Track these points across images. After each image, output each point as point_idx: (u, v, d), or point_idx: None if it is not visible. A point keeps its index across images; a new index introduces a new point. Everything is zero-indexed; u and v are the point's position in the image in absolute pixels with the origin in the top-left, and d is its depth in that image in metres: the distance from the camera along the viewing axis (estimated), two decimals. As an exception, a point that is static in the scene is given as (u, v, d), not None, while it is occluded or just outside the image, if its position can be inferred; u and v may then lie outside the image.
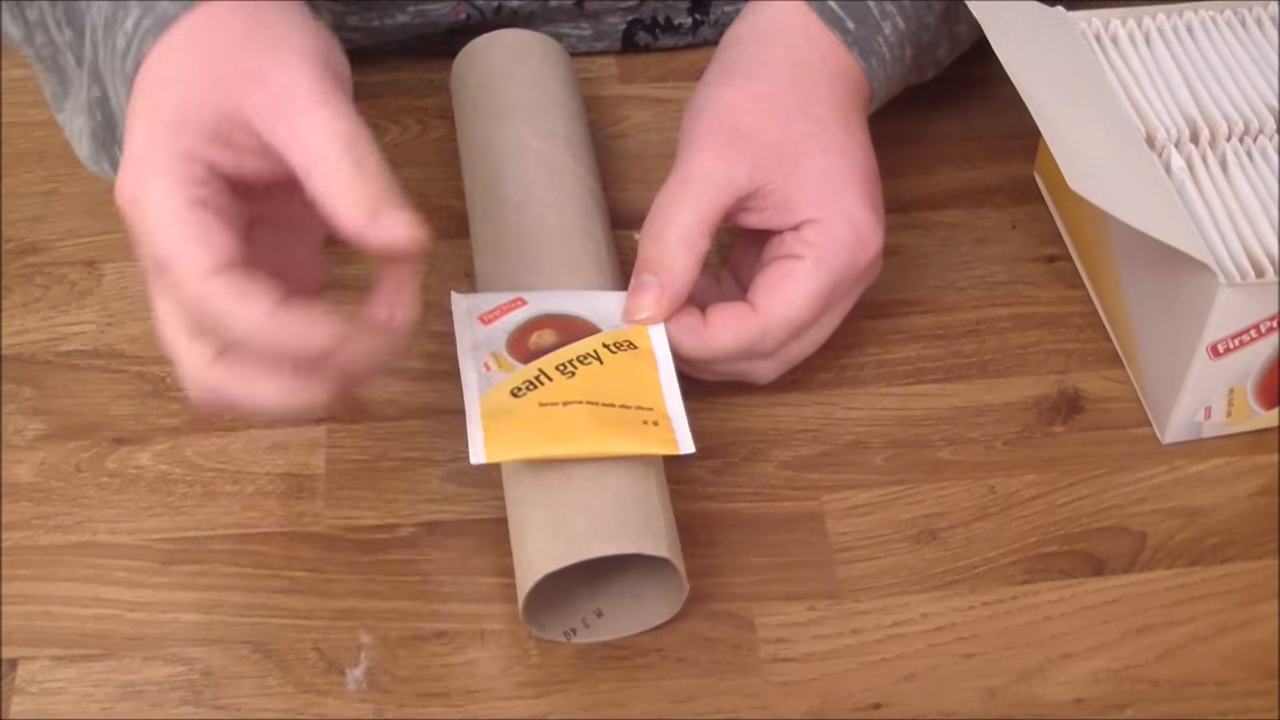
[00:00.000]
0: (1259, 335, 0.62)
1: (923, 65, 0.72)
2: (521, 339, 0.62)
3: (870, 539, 0.63)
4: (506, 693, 0.59)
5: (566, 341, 0.61)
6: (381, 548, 0.63)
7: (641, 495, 0.58)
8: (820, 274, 0.62)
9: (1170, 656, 0.60)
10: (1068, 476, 0.65)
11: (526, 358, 0.61)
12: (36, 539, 0.63)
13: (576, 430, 0.58)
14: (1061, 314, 0.71)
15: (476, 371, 0.61)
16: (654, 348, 0.62)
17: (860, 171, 0.64)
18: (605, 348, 0.61)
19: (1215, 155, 0.65)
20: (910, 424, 0.67)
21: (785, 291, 0.62)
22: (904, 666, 0.59)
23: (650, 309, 0.62)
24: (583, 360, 0.60)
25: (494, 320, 0.63)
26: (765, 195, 0.63)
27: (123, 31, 0.56)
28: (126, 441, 0.66)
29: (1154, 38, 0.70)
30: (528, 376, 0.60)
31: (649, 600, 0.60)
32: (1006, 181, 0.76)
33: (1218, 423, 0.65)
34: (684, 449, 0.59)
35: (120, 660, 0.59)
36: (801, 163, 0.63)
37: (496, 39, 0.73)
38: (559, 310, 0.63)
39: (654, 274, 0.62)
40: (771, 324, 0.63)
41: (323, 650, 0.60)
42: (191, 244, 0.51)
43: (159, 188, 0.52)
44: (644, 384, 0.61)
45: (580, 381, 0.60)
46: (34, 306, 0.70)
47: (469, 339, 0.62)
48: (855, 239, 0.63)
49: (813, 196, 0.63)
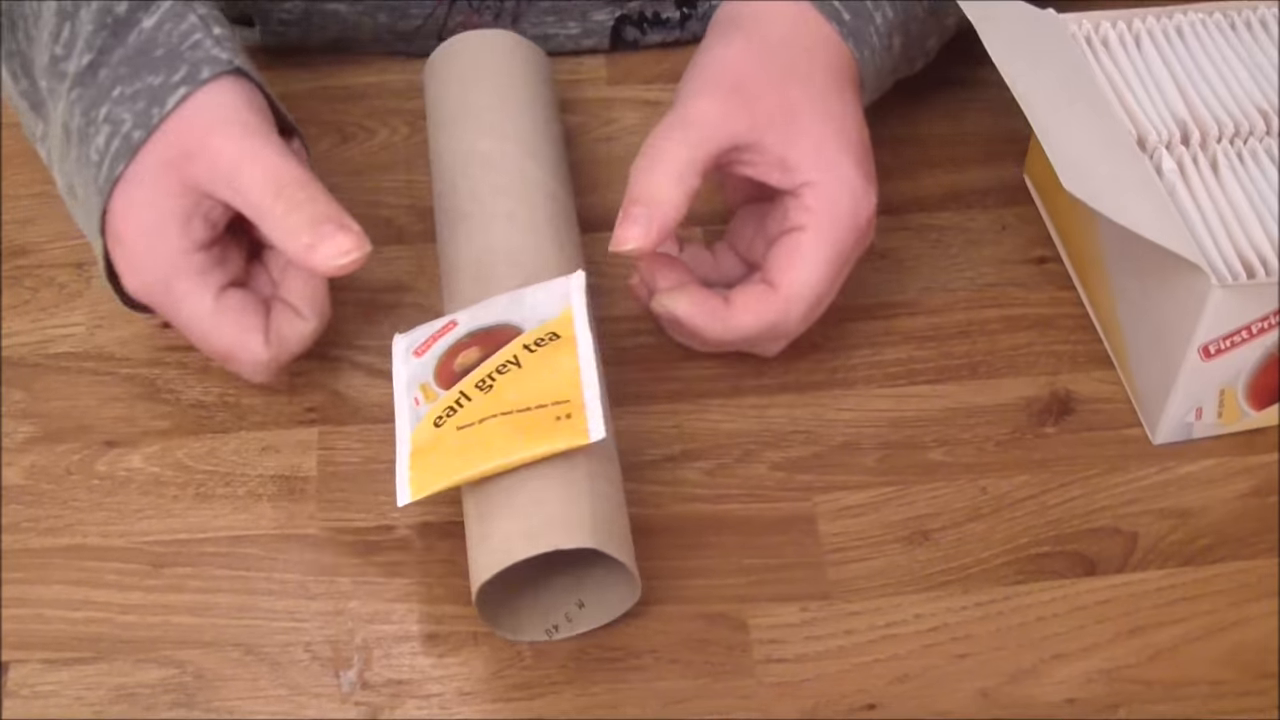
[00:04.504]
0: (1250, 336, 0.62)
1: (912, 57, 0.72)
2: (447, 363, 0.62)
3: (862, 540, 0.63)
4: (500, 695, 0.59)
5: (490, 354, 0.61)
6: (374, 550, 0.63)
7: (569, 491, 0.58)
8: (826, 241, 0.63)
9: (1163, 657, 0.60)
10: (1059, 477, 0.65)
11: (450, 382, 0.61)
12: (27, 542, 0.63)
13: (490, 446, 0.58)
14: (1052, 315, 0.71)
15: (409, 408, 0.61)
16: (575, 332, 0.61)
17: (855, 139, 0.65)
18: (525, 349, 0.61)
19: (1206, 157, 0.65)
20: (902, 425, 0.67)
21: (798, 266, 0.63)
22: (897, 667, 0.60)
23: (638, 239, 0.62)
24: (502, 370, 0.60)
25: (425, 350, 0.63)
26: (762, 151, 0.64)
27: (94, 147, 0.62)
28: (117, 444, 0.66)
29: (1144, 40, 0.70)
30: (449, 403, 0.60)
31: (615, 588, 0.60)
32: (996, 184, 0.76)
33: (1209, 424, 0.66)
34: (594, 437, 0.58)
35: (112, 663, 0.59)
36: (800, 125, 0.64)
37: (457, 43, 0.72)
38: (486, 323, 0.62)
39: (644, 206, 0.63)
40: (793, 300, 0.63)
41: (315, 652, 0.60)
42: (239, 338, 0.62)
43: (183, 292, 0.62)
44: (563, 375, 0.60)
45: (497, 394, 0.60)
46: (23, 309, 0.70)
47: (404, 376, 0.62)
48: (853, 202, 0.64)
49: (810, 160, 0.64)
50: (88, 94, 0.62)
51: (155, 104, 0.61)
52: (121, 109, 0.62)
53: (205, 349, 0.64)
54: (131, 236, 0.62)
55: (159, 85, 0.61)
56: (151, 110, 0.61)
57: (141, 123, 0.61)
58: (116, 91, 0.62)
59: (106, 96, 0.62)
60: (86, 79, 0.62)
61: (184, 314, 0.63)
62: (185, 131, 0.61)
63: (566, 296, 0.62)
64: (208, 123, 0.61)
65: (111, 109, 0.62)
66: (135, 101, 0.62)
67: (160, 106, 0.61)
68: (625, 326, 0.70)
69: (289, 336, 0.63)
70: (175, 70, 0.62)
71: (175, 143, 0.61)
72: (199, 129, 0.61)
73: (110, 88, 0.62)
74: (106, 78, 0.62)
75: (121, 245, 0.62)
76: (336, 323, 0.69)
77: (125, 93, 0.62)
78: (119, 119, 0.62)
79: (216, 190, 0.61)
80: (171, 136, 0.61)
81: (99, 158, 0.62)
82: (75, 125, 0.62)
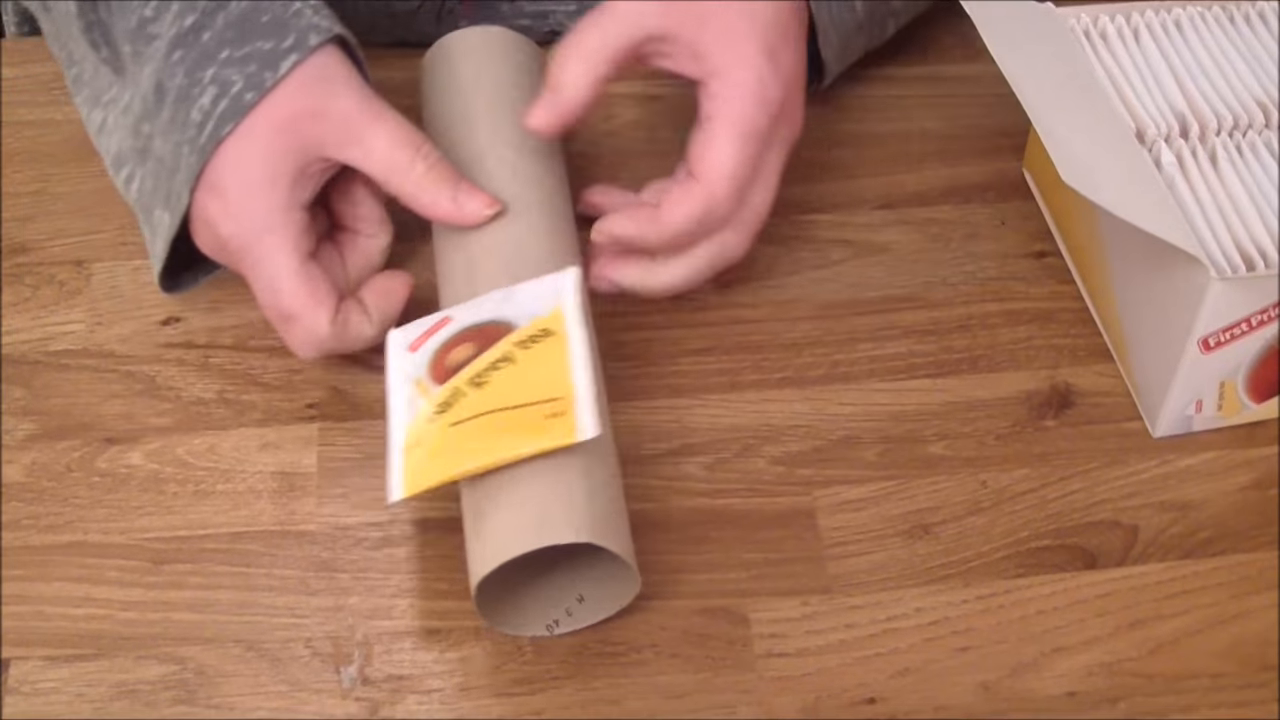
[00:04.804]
0: (1250, 329, 0.62)
1: (881, 18, 0.74)
2: (441, 359, 0.62)
3: (863, 534, 0.63)
4: (500, 690, 0.59)
5: (483, 351, 0.61)
6: (374, 545, 0.63)
7: (567, 486, 0.58)
8: (734, 122, 0.65)
9: (1163, 650, 0.60)
10: (1059, 471, 0.65)
11: (444, 377, 0.61)
12: (28, 539, 0.63)
13: (481, 444, 0.58)
14: (1052, 309, 0.71)
15: (404, 403, 0.61)
16: (567, 329, 0.61)
17: (763, 24, 0.66)
18: (518, 346, 0.61)
19: (1205, 150, 0.65)
20: (902, 419, 0.67)
21: (713, 150, 0.65)
22: (898, 661, 0.60)
23: (539, 119, 0.66)
24: (495, 366, 0.60)
25: (420, 345, 0.63)
26: (674, 41, 0.66)
27: (198, 107, 0.63)
28: (117, 441, 0.66)
29: (1143, 34, 0.70)
30: (442, 398, 0.60)
31: (615, 583, 0.60)
32: (995, 178, 0.76)
33: (1209, 416, 0.66)
34: (583, 435, 0.58)
35: (113, 660, 0.59)
36: (710, 14, 0.66)
37: (453, 39, 0.72)
38: (479, 319, 0.62)
39: (554, 92, 0.66)
40: (714, 184, 0.65)
41: (316, 648, 0.60)
42: (310, 305, 0.63)
43: (275, 246, 0.63)
44: (554, 372, 0.60)
45: (491, 390, 0.60)
46: (23, 306, 0.70)
47: (399, 372, 0.62)
48: (758, 84, 0.65)
49: (719, 47, 0.66)
50: (190, 55, 0.63)
51: (268, 68, 0.62)
52: (230, 71, 0.63)
53: (271, 306, 0.64)
54: (237, 187, 0.63)
55: (269, 50, 0.63)
56: (264, 74, 0.62)
57: (254, 85, 0.62)
58: (224, 54, 0.63)
59: (213, 59, 0.63)
60: (189, 40, 0.63)
61: (267, 268, 0.63)
62: (301, 95, 0.63)
63: (558, 293, 0.62)
64: (326, 88, 0.63)
65: (219, 71, 0.63)
66: (246, 65, 0.63)
67: (273, 71, 0.62)
68: (623, 321, 0.70)
69: (352, 330, 0.65)
70: (284, 37, 0.63)
71: (290, 105, 0.63)
72: (317, 93, 0.63)
73: (216, 51, 0.63)
74: (211, 41, 0.63)
75: (222, 196, 0.63)
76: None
77: (234, 56, 0.63)
78: (228, 80, 0.63)
79: (341, 151, 0.63)
80: (285, 99, 0.63)
81: (202, 117, 0.63)
82: (175, 85, 0.63)
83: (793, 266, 0.72)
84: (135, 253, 0.72)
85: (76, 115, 0.71)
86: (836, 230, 0.74)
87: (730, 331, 0.70)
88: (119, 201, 0.69)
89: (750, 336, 0.70)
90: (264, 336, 0.69)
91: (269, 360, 0.68)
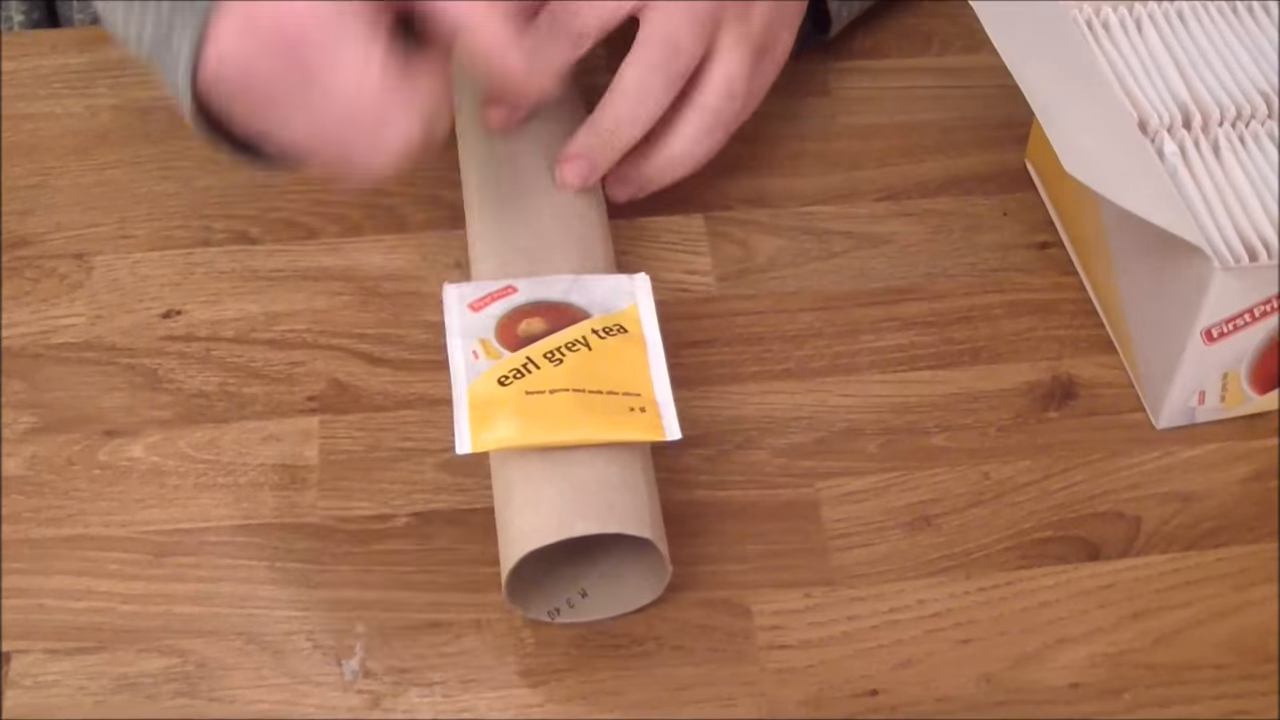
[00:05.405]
0: (1253, 320, 0.62)
1: None
2: (510, 326, 0.62)
3: (865, 526, 0.63)
4: (502, 682, 0.59)
5: (555, 329, 0.61)
6: (376, 538, 0.62)
7: (629, 478, 0.58)
8: None
9: (1166, 641, 0.60)
10: (1062, 462, 0.65)
11: (515, 345, 0.61)
12: (29, 532, 0.63)
13: (562, 418, 0.58)
14: (1054, 300, 0.71)
15: (465, 359, 0.61)
16: (644, 331, 0.62)
17: None
18: (594, 333, 0.61)
19: (1208, 140, 0.65)
20: (904, 411, 0.67)
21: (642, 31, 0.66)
22: (900, 653, 0.59)
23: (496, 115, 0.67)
24: (571, 347, 0.60)
25: (483, 307, 0.62)
26: None
27: None
28: (118, 434, 0.65)
29: (1145, 24, 0.70)
30: (515, 365, 0.60)
31: (632, 583, 0.60)
32: (997, 169, 0.76)
33: (1212, 408, 0.66)
34: (670, 435, 0.59)
35: (114, 653, 0.59)
36: None
37: None
38: (548, 297, 0.63)
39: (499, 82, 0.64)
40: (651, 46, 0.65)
41: (317, 641, 0.60)
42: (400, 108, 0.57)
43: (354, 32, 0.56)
44: (632, 369, 0.61)
45: (567, 369, 0.60)
46: (24, 299, 0.70)
47: (458, 326, 0.62)
48: None
49: None
50: None
51: None
52: None
53: (346, 112, 0.57)
54: None
55: None
56: None
57: None
58: None
59: None
60: None
61: (343, 59, 0.56)
62: None
63: (632, 294, 0.63)
64: None
65: None
66: None
67: None
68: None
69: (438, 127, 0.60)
70: None
71: None
72: None
73: None
74: None
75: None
76: (336, 310, 0.69)
77: None
78: None
79: None
80: None
81: None
82: None
83: (794, 258, 0.72)
84: (136, 245, 0.72)
85: (76, 108, 0.71)
86: (838, 221, 0.74)
87: (731, 323, 0.70)
88: (119, 194, 0.69)
89: (751, 328, 0.69)
90: (265, 329, 0.69)
91: (270, 353, 0.68)
